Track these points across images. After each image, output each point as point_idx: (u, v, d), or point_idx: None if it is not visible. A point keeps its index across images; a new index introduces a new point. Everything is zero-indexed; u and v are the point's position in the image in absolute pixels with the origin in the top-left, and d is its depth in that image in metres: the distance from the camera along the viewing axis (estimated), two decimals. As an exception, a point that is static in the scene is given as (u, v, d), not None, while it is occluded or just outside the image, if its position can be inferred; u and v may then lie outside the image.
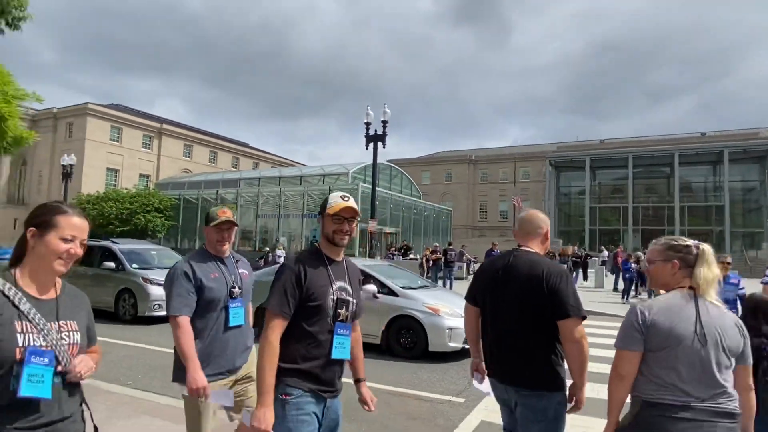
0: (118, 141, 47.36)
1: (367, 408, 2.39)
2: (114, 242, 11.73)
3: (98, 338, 1.83)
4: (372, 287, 3.30)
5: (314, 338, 2.11)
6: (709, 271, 2.01)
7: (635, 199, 45.64)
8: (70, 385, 1.58)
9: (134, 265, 10.73)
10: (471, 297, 2.68)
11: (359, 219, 2.30)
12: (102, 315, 10.76)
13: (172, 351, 2.66)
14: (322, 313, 2.12)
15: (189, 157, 53.37)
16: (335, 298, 2.16)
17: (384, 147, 17.42)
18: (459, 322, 7.25)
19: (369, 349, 7.55)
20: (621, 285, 16.06)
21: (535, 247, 2.53)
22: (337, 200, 2.22)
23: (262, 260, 21.95)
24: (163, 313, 10.00)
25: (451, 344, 7.11)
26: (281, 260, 11.82)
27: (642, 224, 44.75)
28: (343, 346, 2.18)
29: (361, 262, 8.59)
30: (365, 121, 17.61)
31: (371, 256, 17.20)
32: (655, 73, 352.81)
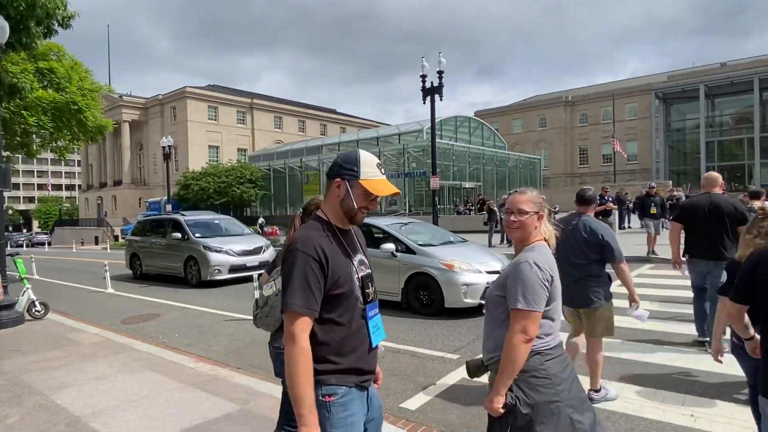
0: (215, 119, 51.10)
1: None
2: (182, 214, 12.85)
3: (159, 301, 1.90)
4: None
5: (348, 329, 1.74)
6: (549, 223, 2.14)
7: (764, 128, 39.38)
8: None
9: (197, 235, 11.69)
10: (680, 218, 5.00)
11: None
12: (174, 280, 12.00)
13: (221, 313, 2.45)
14: (351, 298, 1.74)
15: (280, 128, 56.05)
16: (359, 276, 1.78)
17: (441, 99, 16.71)
18: (476, 278, 6.95)
19: (389, 306, 7.59)
20: None
21: (719, 191, 4.84)
22: (377, 174, 1.76)
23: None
24: (222, 277, 11.22)
25: (467, 300, 6.86)
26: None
27: (773, 157, 38.78)
28: (378, 327, 1.87)
29: (383, 221, 8.50)
30: (420, 73, 16.99)
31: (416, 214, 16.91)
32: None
